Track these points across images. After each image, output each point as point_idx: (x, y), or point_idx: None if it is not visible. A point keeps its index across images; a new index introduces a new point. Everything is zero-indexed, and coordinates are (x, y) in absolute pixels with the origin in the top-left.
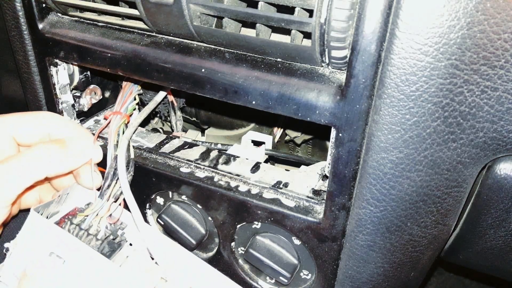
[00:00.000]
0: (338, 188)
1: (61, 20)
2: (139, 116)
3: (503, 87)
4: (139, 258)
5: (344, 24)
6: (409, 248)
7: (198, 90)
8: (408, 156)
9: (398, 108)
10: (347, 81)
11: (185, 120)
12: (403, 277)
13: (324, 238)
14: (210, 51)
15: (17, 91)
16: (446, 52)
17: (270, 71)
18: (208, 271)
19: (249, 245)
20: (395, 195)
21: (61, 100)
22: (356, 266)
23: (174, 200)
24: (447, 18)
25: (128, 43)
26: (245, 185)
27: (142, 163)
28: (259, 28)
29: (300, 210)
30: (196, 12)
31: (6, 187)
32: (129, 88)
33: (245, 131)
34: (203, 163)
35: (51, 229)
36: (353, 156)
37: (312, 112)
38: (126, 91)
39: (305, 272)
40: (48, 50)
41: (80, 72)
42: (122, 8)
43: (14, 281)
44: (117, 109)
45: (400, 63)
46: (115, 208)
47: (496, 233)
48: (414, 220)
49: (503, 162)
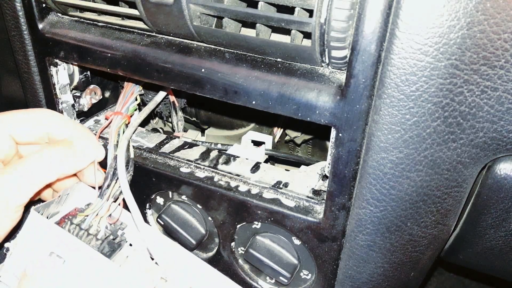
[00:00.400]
0: (338, 188)
1: (61, 20)
2: (139, 116)
3: (503, 87)
4: (139, 258)
5: (344, 24)
6: (409, 248)
7: (198, 90)
8: (408, 156)
9: (398, 108)
10: (347, 81)
11: (185, 120)
12: (403, 277)
13: (324, 238)
14: (210, 51)
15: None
16: (446, 52)
17: (270, 71)
18: (208, 271)
19: (249, 245)
20: (395, 195)
21: (61, 100)
22: (356, 266)
23: (174, 200)
24: (447, 18)
25: (128, 43)
26: (245, 185)
27: (142, 163)
28: (259, 28)
29: (300, 210)
30: (196, 12)
31: (18, 192)
32: (130, 88)
33: (245, 131)
34: (203, 163)
35: (51, 229)
36: (353, 156)
37: (312, 112)
38: (127, 91)
39: (305, 272)
40: (48, 50)
41: (80, 72)
42: (122, 8)
43: (14, 281)
44: (118, 109)
45: (400, 63)
46: (114, 208)
47: (496, 233)
48: (414, 220)
49: (503, 162)
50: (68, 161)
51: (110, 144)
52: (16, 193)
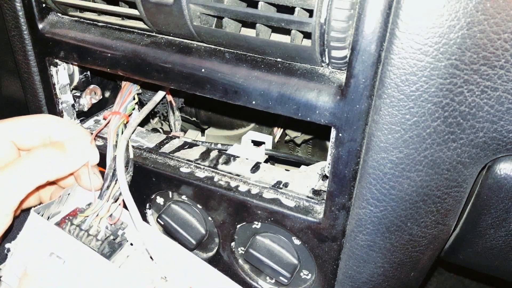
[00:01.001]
0: (338, 188)
1: (61, 20)
2: (138, 116)
3: (503, 87)
4: (140, 258)
5: (344, 24)
6: (409, 248)
7: (198, 90)
8: (408, 156)
9: (398, 108)
10: (347, 81)
11: (185, 120)
12: (403, 277)
13: (324, 238)
14: (210, 51)
15: (17, 91)
16: (446, 52)
17: (270, 71)
18: (208, 271)
19: (249, 245)
20: (395, 195)
21: (61, 100)
22: (356, 266)
23: (174, 200)
24: (447, 18)
25: (128, 43)
26: (245, 185)
27: (142, 163)
28: (259, 28)
29: (300, 210)
30: (196, 12)
31: (8, 194)
32: (128, 88)
33: (245, 131)
34: (203, 163)
35: (52, 230)
36: (353, 156)
37: (312, 112)
38: (125, 91)
39: (305, 272)
40: (48, 50)
41: (80, 72)
42: (122, 8)
43: (15, 281)
44: (116, 109)
45: (400, 63)
46: (115, 209)
47: (496, 233)
48: (414, 220)
49: (503, 162)
50: (58, 162)
51: (109, 144)
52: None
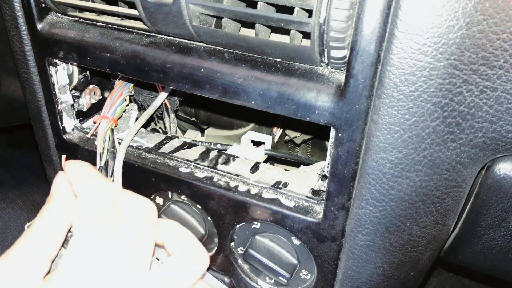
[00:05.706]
0: (338, 188)
1: (60, 20)
2: (138, 123)
3: (502, 87)
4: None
5: (343, 24)
6: (408, 248)
7: (198, 90)
8: (407, 156)
9: (397, 108)
10: (346, 81)
11: (185, 120)
12: (402, 277)
13: (323, 238)
14: (210, 51)
15: (17, 91)
16: (445, 52)
17: (270, 71)
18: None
19: (249, 245)
20: (394, 195)
21: (61, 100)
22: (356, 266)
23: (173, 200)
24: (446, 18)
25: (128, 43)
26: (244, 185)
27: (141, 163)
28: (258, 28)
29: (299, 210)
30: (195, 12)
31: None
32: (119, 88)
33: (244, 131)
34: (202, 163)
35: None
36: (352, 156)
37: (312, 112)
38: (115, 92)
39: (305, 272)
40: (47, 50)
41: (79, 72)
42: (121, 8)
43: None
44: (104, 112)
45: (399, 63)
46: None
47: (496, 233)
48: (413, 220)
49: (502, 162)
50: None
51: (97, 152)
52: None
